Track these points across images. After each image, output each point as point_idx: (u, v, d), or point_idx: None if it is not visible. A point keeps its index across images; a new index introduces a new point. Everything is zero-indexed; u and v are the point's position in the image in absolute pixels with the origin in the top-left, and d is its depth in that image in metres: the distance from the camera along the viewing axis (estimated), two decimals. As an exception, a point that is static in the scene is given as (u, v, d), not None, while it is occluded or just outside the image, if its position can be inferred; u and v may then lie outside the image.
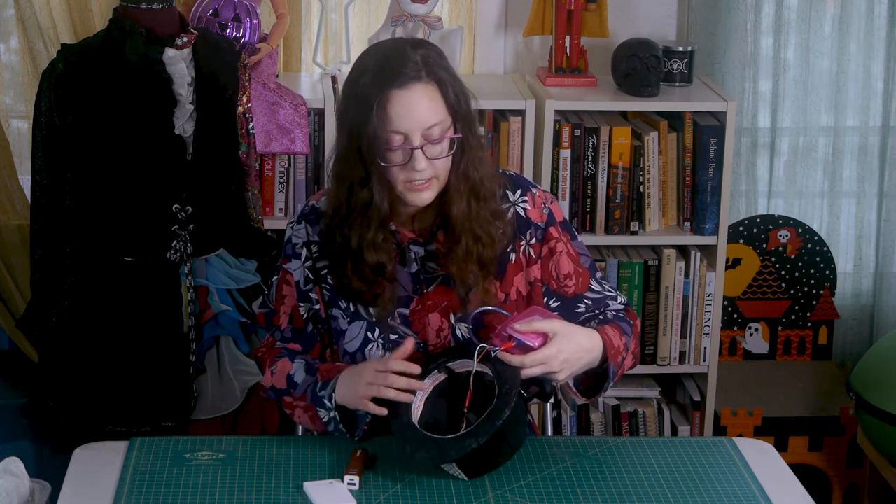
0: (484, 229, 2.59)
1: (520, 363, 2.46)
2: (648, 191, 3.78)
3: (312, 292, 2.69)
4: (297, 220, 2.71)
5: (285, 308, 2.72)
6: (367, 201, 2.55)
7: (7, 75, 3.89)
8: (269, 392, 2.72)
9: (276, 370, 2.68)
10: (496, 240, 2.61)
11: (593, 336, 2.56)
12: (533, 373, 2.48)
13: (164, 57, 3.27)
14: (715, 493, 2.48)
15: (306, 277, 2.69)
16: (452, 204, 2.57)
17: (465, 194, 2.57)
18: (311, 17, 3.95)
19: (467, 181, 2.57)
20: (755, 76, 4.08)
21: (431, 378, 2.55)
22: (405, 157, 2.50)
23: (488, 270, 2.62)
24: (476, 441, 2.39)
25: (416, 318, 2.65)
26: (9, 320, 3.78)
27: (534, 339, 2.48)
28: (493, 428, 2.39)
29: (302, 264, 2.69)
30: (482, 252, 2.59)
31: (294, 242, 2.70)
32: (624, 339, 2.63)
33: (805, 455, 3.96)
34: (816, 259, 4.19)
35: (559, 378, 2.51)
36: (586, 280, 2.72)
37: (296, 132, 3.56)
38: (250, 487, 2.46)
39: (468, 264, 2.59)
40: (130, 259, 3.32)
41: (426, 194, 2.54)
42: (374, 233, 2.57)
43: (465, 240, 2.58)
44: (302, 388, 2.63)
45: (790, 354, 4.26)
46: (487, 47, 4.02)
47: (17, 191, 3.81)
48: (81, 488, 2.48)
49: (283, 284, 2.72)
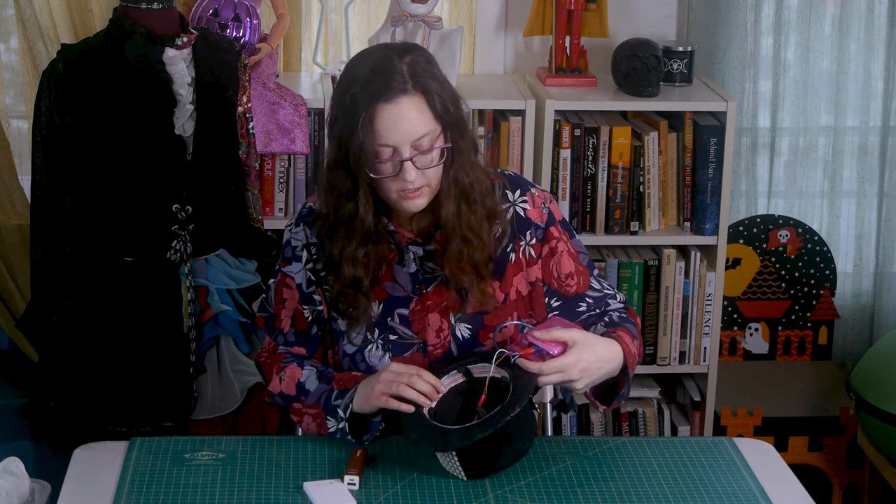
0: (474, 232, 2.58)
1: (538, 370, 2.47)
2: (648, 191, 3.78)
3: (316, 294, 2.69)
4: (294, 223, 2.70)
5: (287, 311, 2.71)
6: (353, 214, 2.56)
7: (7, 75, 3.89)
8: (277, 398, 2.70)
9: (284, 376, 2.67)
10: (487, 243, 2.60)
11: (612, 346, 2.56)
12: (551, 380, 2.48)
13: (164, 57, 3.27)
14: (715, 493, 2.48)
15: (308, 279, 2.69)
16: (442, 207, 2.57)
17: (456, 198, 2.57)
18: (311, 17, 3.95)
19: (457, 185, 2.57)
20: (755, 76, 4.08)
21: (450, 377, 2.57)
22: (395, 168, 2.50)
23: (481, 273, 2.61)
24: (481, 432, 2.40)
25: (415, 318, 2.65)
26: (9, 320, 3.78)
27: (553, 348, 2.49)
28: (500, 422, 2.40)
29: (303, 266, 2.68)
30: (472, 254, 2.59)
31: (294, 245, 2.69)
32: (636, 343, 2.64)
33: (805, 455, 3.96)
34: (816, 259, 4.19)
35: (577, 387, 2.51)
36: (587, 279, 2.72)
37: (296, 132, 3.56)
38: (250, 487, 2.46)
39: (461, 265, 2.59)
40: (130, 259, 3.32)
41: (419, 201, 2.54)
42: (355, 248, 2.57)
43: (455, 242, 2.58)
44: (315, 395, 2.62)
45: (790, 354, 4.26)
46: (487, 47, 4.02)
47: (17, 191, 3.81)
48: (81, 488, 2.48)
49: (282, 288, 2.71)
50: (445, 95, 2.52)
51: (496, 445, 2.45)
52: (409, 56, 2.52)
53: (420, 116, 2.49)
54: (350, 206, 2.55)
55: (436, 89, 2.51)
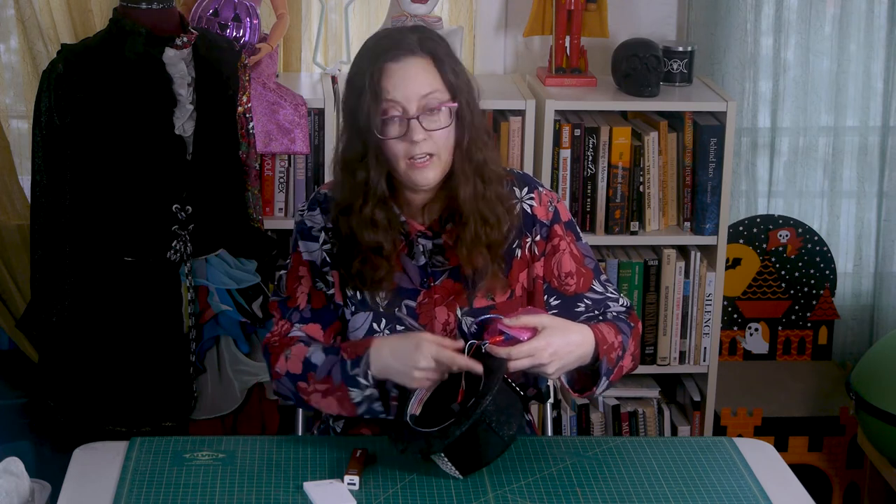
0: (492, 210, 2.60)
1: (506, 354, 2.47)
2: (648, 191, 3.79)
3: (329, 275, 2.68)
4: (308, 207, 2.70)
5: (302, 288, 2.69)
6: (365, 180, 2.56)
7: (7, 75, 3.89)
8: (283, 380, 2.63)
9: (290, 355, 2.62)
10: (503, 221, 2.61)
11: (584, 331, 2.56)
12: (521, 365, 2.48)
13: (164, 57, 3.27)
14: (715, 493, 2.48)
15: (323, 260, 2.67)
16: (459, 187, 2.57)
17: (471, 176, 2.58)
18: (311, 17, 3.95)
19: (471, 162, 2.58)
20: (755, 76, 4.08)
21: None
22: (402, 128, 2.51)
23: (496, 254, 2.62)
24: (458, 428, 2.40)
25: (422, 311, 2.65)
26: (9, 320, 3.78)
27: (523, 334, 2.49)
28: (475, 415, 2.40)
29: (320, 247, 2.67)
30: (490, 234, 2.59)
31: (310, 226, 2.68)
32: (620, 337, 2.63)
33: (805, 455, 3.96)
34: (816, 259, 4.19)
35: (549, 371, 2.51)
36: (588, 281, 2.72)
37: (296, 132, 3.56)
38: (250, 487, 2.46)
39: (477, 247, 2.59)
40: (130, 259, 3.32)
41: (429, 173, 2.54)
42: (371, 210, 2.57)
43: (474, 222, 2.58)
44: (324, 369, 2.58)
45: (790, 354, 4.26)
46: (487, 47, 4.02)
47: (17, 191, 3.81)
48: (81, 488, 2.48)
49: (298, 267, 2.69)
50: (457, 68, 2.56)
51: (481, 437, 2.44)
52: (420, 32, 2.57)
53: (427, 76, 2.52)
54: (362, 173, 2.56)
55: (445, 57, 2.55)
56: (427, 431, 2.44)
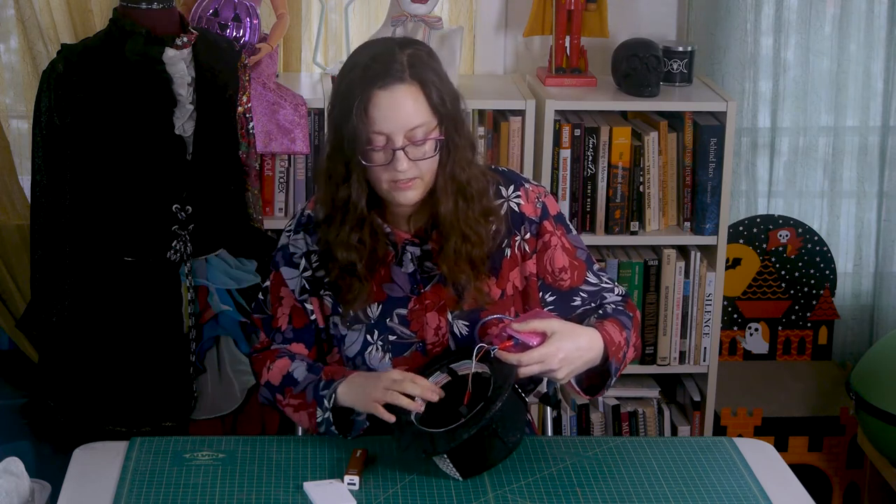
0: (472, 229, 2.59)
1: (517, 361, 2.47)
2: (648, 191, 3.79)
3: (308, 303, 2.69)
4: (294, 230, 2.70)
5: (283, 309, 2.71)
6: (346, 199, 2.56)
7: (7, 75, 3.89)
8: (263, 389, 2.70)
9: (273, 367, 2.68)
10: (485, 239, 2.61)
11: (593, 334, 2.56)
12: (531, 371, 2.48)
13: (164, 57, 3.27)
14: (715, 493, 2.48)
15: (302, 287, 2.68)
16: (440, 204, 2.57)
17: (453, 194, 2.57)
18: (311, 17, 3.95)
19: (454, 182, 2.57)
20: (755, 76, 4.08)
21: (434, 380, 2.56)
22: (387, 157, 2.50)
23: (479, 269, 2.62)
24: (466, 432, 2.40)
25: (413, 318, 2.65)
26: (9, 320, 3.78)
27: (532, 339, 2.49)
28: (483, 420, 2.40)
29: (300, 274, 2.68)
30: (471, 251, 2.59)
31: (292, 252, 2.69)
32: (624, 333, 2.63)
33: (805, 455, 3.96)
34: (816, 259, 4.19)
35: (559, 377, 2.51)
36: (582, 273, 2.72)
37: (296, 132, 3.56)
38: (250, 487, 2.46)
39: (459, 264, 2.59)
40: (130, 259, 3.32)
41: (411, 193, 2.54)
42: (348, 233, 2.57)
43: (454, 239, 2.58)
44: (302, 385, 2.62)
45: (790, 354, 4.26)
46: (487, 47, 4.02)
47: (17, 191, 3.81)
48: (81, 488, 2.48)
49: (279, 287, 2.71)
50: (444, 89, 2.52)
51: (485, 442, 2.44)
52: (410, 48, 2.53)
53: (416, 106, 2.49)
54: (344, 192, 2.55)
55: (433, 81, 2.51)
56: (434, 432, 2.44)
